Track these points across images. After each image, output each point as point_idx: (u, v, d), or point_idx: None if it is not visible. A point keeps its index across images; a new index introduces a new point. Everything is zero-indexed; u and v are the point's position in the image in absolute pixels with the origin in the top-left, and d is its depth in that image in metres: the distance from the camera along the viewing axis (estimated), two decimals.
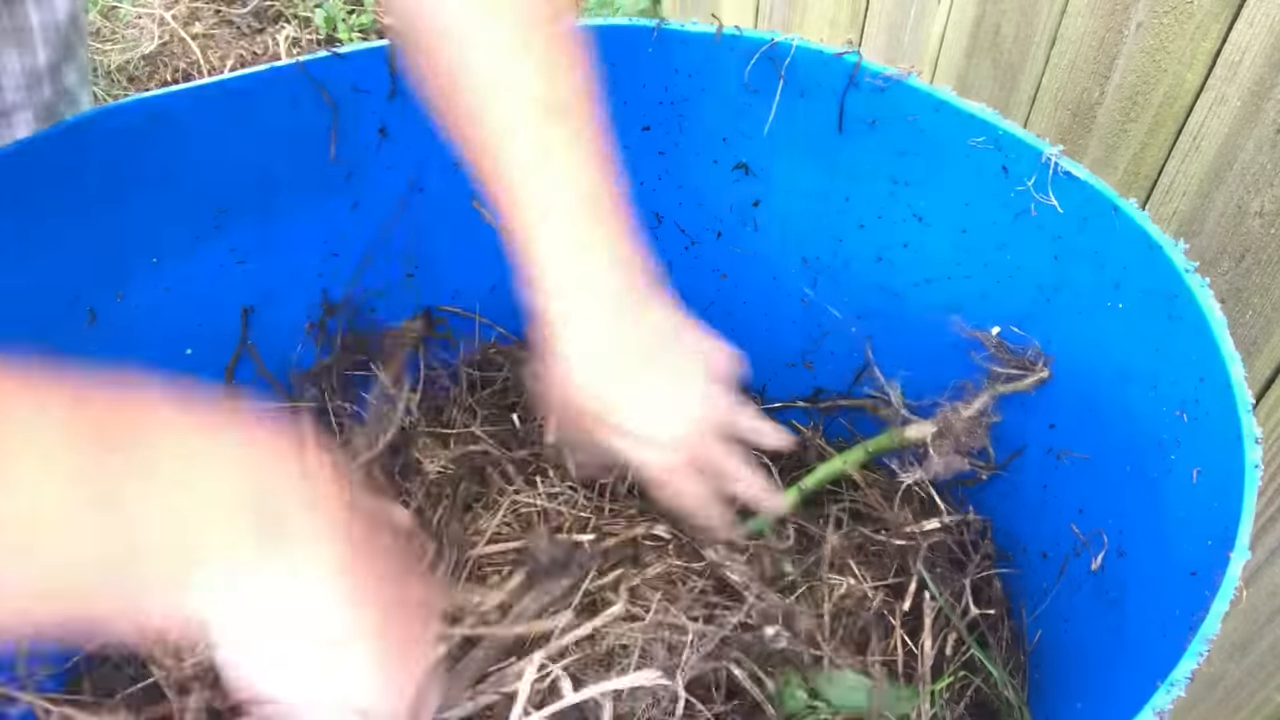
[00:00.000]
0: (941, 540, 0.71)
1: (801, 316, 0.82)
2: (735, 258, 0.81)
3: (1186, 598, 0.50)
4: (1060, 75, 0.84)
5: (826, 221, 0.75)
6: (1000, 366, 0.68)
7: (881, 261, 0.75)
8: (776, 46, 0.67)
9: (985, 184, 0.65)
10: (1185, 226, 0.77)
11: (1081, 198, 0.60)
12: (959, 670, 0.66)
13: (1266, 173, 0.69)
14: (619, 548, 0.67)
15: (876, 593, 0.67)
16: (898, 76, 0.65)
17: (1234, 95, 0.70)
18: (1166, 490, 0.57)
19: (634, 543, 0.68)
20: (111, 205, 0.63)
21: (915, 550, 0.68)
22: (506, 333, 0.86)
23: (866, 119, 0.68)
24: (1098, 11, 0.78)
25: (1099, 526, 0.64)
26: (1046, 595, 0.69)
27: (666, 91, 0.72)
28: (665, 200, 0.79)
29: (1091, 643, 0.63)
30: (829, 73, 0.67)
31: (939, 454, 0.66)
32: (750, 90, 0.70)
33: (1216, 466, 0.51)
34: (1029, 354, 0.68)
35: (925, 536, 0.70)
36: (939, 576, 0.69)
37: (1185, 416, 0.55)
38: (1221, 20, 0.69)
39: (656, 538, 0.69)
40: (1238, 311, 0.75)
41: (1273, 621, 0.86)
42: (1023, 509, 0.72)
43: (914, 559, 0.68)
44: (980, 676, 0.66)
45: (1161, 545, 0.57)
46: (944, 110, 0.64)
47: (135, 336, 0.68)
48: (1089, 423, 0.65)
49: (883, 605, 0.67)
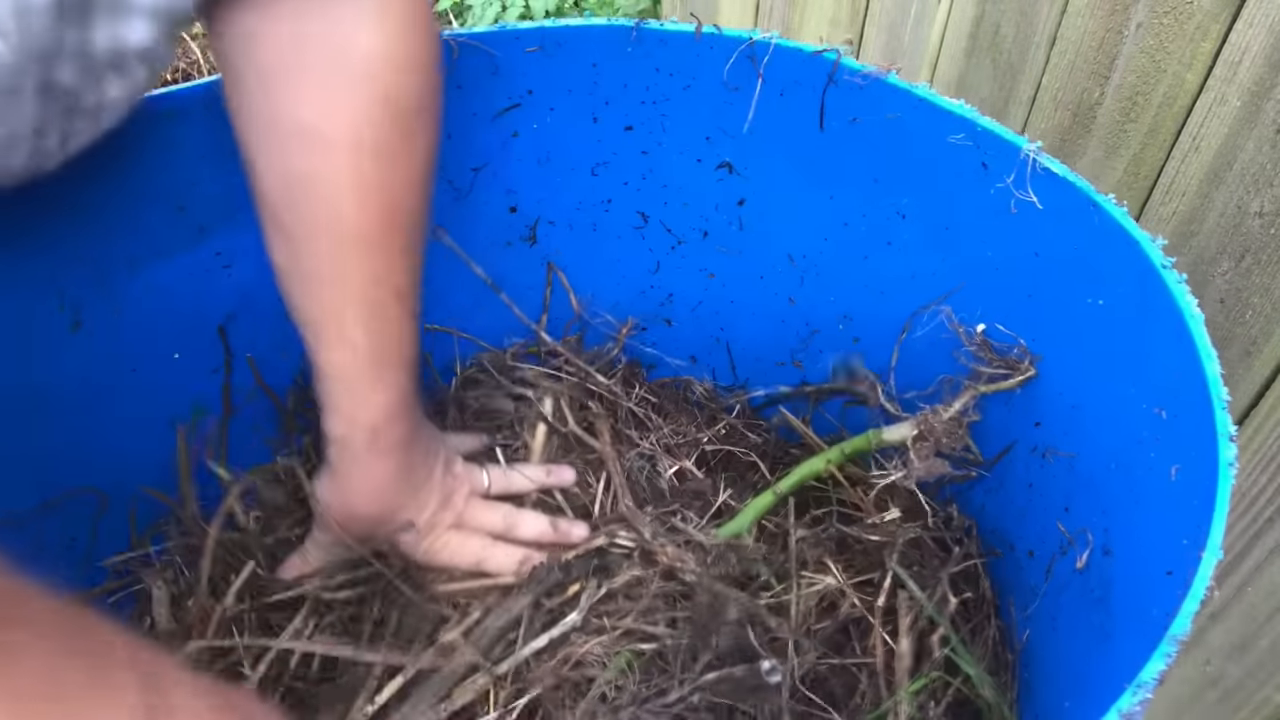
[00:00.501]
0: (919, 537, 0.71)
1: (789, 315, 0.81)
2: (722, 257, 0.81)
3: (1163, 597, 0.49)
4: (1060, 75, 0.83)
5: (811, 219, 0.75)
6: (984, 365, 0.67)
7: (867, 259, 0.74)
8: (755, 45, 0.67)
9: (966, 181, 0.64)
10: (1185, 226, 0.76)
11: (1060, 194, 0.60)
12: (938, 671, 0.66)
13: (1266, 173, 0.68)
14: (583, 560, 0.67)
15: (853, 591, 0.67)
16: (876, 74, 0.65)
17: (1234, 95, 0.69)
18: (1148, 488, 0.56)
19: (599, 552, 0.68)
20: (99, 206, 0.64)
21: (891, 545, 0.68)
22: (490, 347, 0.85)
23: (847, 117, 0.68)
24: (1098, 12, 0.77)
25: (1085, 524, 0.63)
26: (1034, 593, 0.69)
27: (648, 91, 0.72)
28: (650, 200, 0.79)
29: (1079, 641, 0.63)
30: (808, 71, 0.67)
31: (919, 457, 0.65)
32: (731, 89, 0.70)
33: (1193, 464, 0.51)
34: (1014, 352, 0.67)
35: (902, 531, 0.69)
36: (917, 575, 0.69)
37: (1164, 413, 0.54)
38: (1221, 21, 0.69)
39: (621, 546, 0.69)
40: (1238, 311, 0.74)
41: (1272, 621, 0.85)
42: (1009, 507, 0.71)
43: (890, 554, 0.67)
44: (961, 676, 0.66)
45: (1143, 543, 0.56)
46: (923, 108, 0.64)
47: (122, 341, 0.68)
48: (1073, 420, 0.64)
49: (862, 604, 0.67)
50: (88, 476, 0.71)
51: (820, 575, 0.68)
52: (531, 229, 0.80)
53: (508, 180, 0.77)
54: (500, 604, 0.65)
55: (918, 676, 0.64)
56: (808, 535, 0.72)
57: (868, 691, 0.65)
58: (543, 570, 0.66)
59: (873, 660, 0.65)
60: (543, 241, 0.81)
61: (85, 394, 0.69)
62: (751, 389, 0.87)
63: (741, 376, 0.88)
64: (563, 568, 0.66)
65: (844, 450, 0.74)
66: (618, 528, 0.69)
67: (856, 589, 0.69)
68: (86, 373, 0.69)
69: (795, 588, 0.67)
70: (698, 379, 0.89)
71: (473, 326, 0.84)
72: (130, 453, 0.72)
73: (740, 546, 0.68)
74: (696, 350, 0.88)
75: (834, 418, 0.83)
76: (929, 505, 0.73)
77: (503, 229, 0.80)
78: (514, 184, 0.77)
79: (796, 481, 0.74)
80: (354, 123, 0.52)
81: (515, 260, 0.82)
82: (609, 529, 0.69)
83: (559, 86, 0.72)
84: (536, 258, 0.82)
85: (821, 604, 0.67)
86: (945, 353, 0.72)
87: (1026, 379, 0.66)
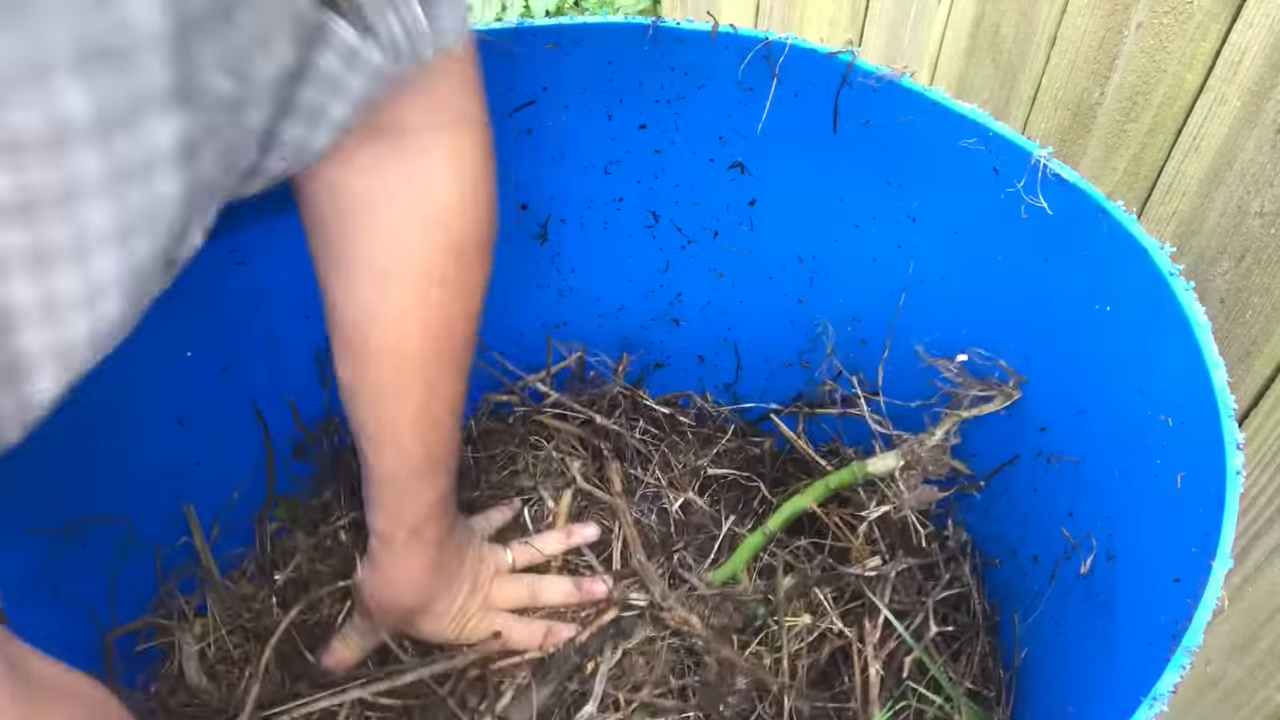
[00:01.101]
0: (908, 567, 0.72)
1: (798, 316, 0.82)
2: (732, 257, 0.81)
3: (1171, 604, 0.50)
4: (1060, 75, 0.83)
5: (822, 221, 0.75)
6: (964, 390, 0.67)
7: (876, 262, 0.75)
8: (771, 45, 0.67)
9: (977, 185, 0.65)
10: (1185, 226, 0.77)
11: (1070, 200, 0.60)
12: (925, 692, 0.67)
13: (1266, 173, 0.69)
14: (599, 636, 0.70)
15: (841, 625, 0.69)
16: (891, 77, 0.65)
17: (1234, 95, 0.70)
18: (1153, 495, 0.57)
19: (615, 622, 0.71)
20: None
21: (879, 581, 0.70)
22: (516, 369, 0.88)
23: (860, 119, 0.68)
24: (1098, 11, 0.77)
25: (1088, 530, 0.63)
26: (1037, 599, 0.69)
27: (662, 90, 0.72)
28: (662, 199, 0.79)
29: (1082, 647, 0.63)
30: (823, 72, 0.67)
31: (907, 487, 0.66)
32: (745, 89, 0.70)
33: (1200, 472, 0.51)
34: (997, 374, 0.68)
35: (892, 566, 0.71)
36: (901, 603, 0.70)
37: (1170, 421, 0.55)
38: (1221, 20, 0.69)
39: (635, 606, 0.72)
40: (1238, 311, 0.75)
41: (1272, 621, 0.86)
42: (1012, 512, 0.72)
43: (880, 590, 0.69)
44: (943, 696, 0.67)
45: (1148, 550, 0.57)
46: (936, 111, 0.64)
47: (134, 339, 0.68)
48: (1078, 426, 0.65)
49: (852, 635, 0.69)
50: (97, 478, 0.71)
51: (802, 618, 0.70)
52: (542, 227, 0.81)
53: (519, 177, 0.77)
54: (522, 694, 0.68)
55: (890, 701, 0.65)
56: (796, 573, 0.74)
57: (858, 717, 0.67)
58: (561, 658, 0.69)
59: (853, 689, 0.67)
60: (553, 239, 0.82)
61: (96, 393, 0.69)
62: (753, 397, 0.88)
63: (748, 377, 0.88)
64: (578, 651, 0.70)
65: (829, 485, 0.75)
66: (631, 586, 0.73)
67: (844, 616, 0.71)
68: (97, 370, 0.69)
69: (784, 635, 0.70)
70: (698, 393, 0.90)
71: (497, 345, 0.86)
72: (140, 454, 0.72)
73: (735, 595, 0.71)
74: (704, 350, 0.88)
75: (830, 428, 0.84)
76: (918, 528, 0.73)
77: (513, 226, 0.80)
78: (526, 181, 0.78)
79: (784, 521, 0.75)
80: (425, 266, 0.55)
81: (525, 258, 0.82)
82: (622, 593, 0.73)
83: (573, 84, 0.72)
84: (546, 255, 0.83)
85: (809, 637, 0.69)
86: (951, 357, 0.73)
87: (1011, 402, 0.67)
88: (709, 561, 0.77)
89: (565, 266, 0.84)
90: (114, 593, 0.71)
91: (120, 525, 0.70)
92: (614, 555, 0.78)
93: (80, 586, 0.68)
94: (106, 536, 0.70)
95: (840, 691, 0.68)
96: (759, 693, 0.67)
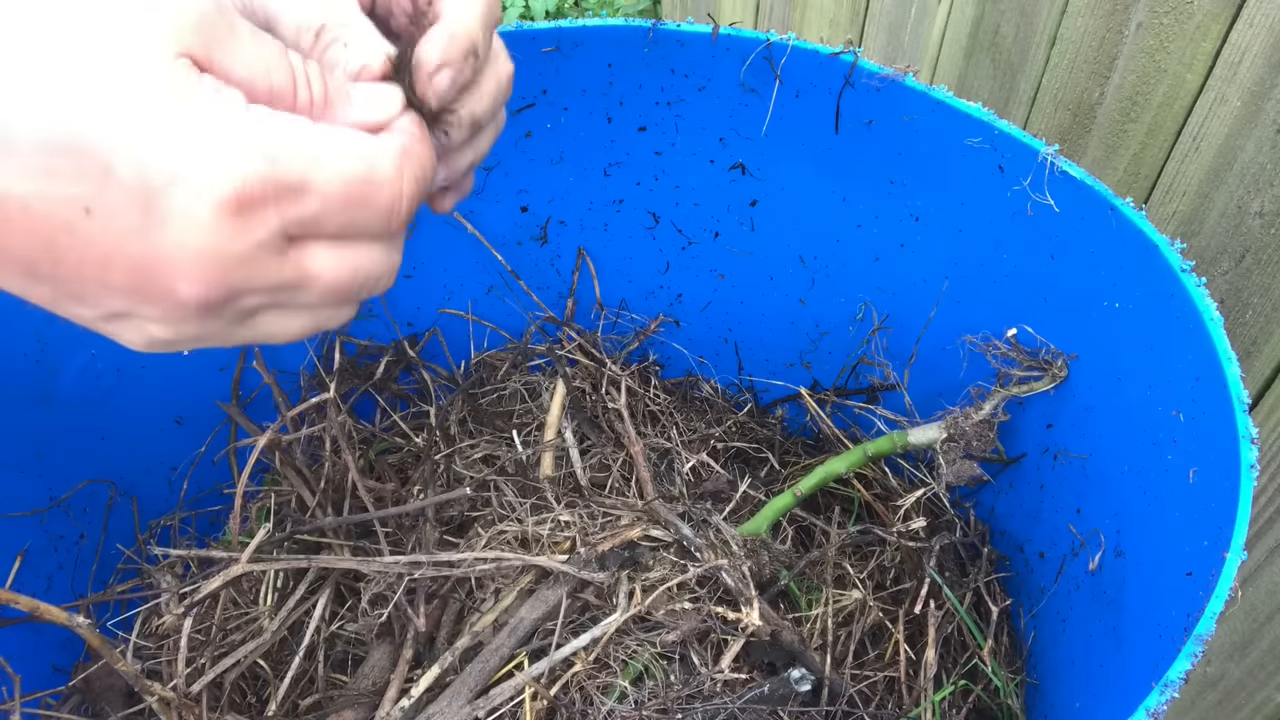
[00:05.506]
0: (949, 543, 0.70)
1: (799, 317, 0.82)
2: (733, 258, 0.81)
3: (1183, 598, 0.50)
4: (1060, 75, 0.83)
5: (824, 221, 0.75)
6: (1014, 368, 0.66)
7: (879, 261, 0.75)
8: (772, 47, 0.67)
9: (981, 184, 0.65)
10: (1185, 226, 0.77)
11: (1078, 197, 0.60)
12: (959, 680, 0.66)
13: (1266, 173, 0.69)
14: (616, 551, 0.67)
15: (876, 604, 0.67)
16: (893, 77, 0.65)
17: (1234, 95, 0.70)
18: (1163, 490, 0.57)
19: (632, 544, 0.67)
20: None
21: (927, 553, 0.68)
22: (505, 333, 0.86)
23: (863, 119, 0.68)
24: (1098, 11, 0.78)
25: (1096, 526, 0.63)
26: (1044, 595, 0.69)
27: (663, 92, 0.72)
28: (662, 200, 0.79)
29: (1090, 642, 0.63)
30: (825, 73, 0.67)
31: (948, 461, 0.65)
32: (747, 90, 0.70)
33: (1212, 467, 0.51)
34: (1044, 353, 0.67)
35: (938, 539, 0.69)
36: (948, 581, 0.69)
37: (1181, 416, 0.55)
38: (1221, 20, 0.69)
39: (653, 538, 0.68)
40: (1238, 311, 0.75)
41: (1272, 621, 0.86)
42: (1020, 508, 0.72)
43: (927, 559, 0.67)
44: (980, 684, 0.66)
45: (1159, 545, 0.57)
46: (940, 110, 0.64)
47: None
48: (1086, 422, 0.65)
49: (883, 613, 0.67)
50: (95, 472, 0.70)
51: (845, 591, 0.68)
52: (543, 229, 0.80)
53: (520, 180, 0.77)
54: (536, 593, 0.65)
55: (943, 686, 0.64)
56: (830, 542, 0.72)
57: (888, 699, 0.65)
58: (578, 558, 0.66)
59: (895, 670, 0.65)
60: (554, 241, 0.81)
61: (94, 390, 0.69)
62: (758, 389, 0.87)
63: (749, 378, 0.88)
64: (598, 559, 0.66)
65: (867, 451, 0.73)
66: (648, 521, 0.69)
67: (877, 596, 0.69)
68: (96, 368, 0.68)
69: (826, 602, 0.67)
70: (705, 378, 0.89)
71: (488, 315, 0.84)
72: (136, 448, 0.72)
73: (771, 546, 0.68)
74: (705, 351, 0.88)
75: (847, 416, 0.83)
76: (951, 511, 0.73)
77: (514, 228, 0.80)
78: (526, 184, 0.77)
79: (817, 483, 0.73)
80: None
81: (526, 259, 0.82)
82: (641, 522, 0.69)
83: (573, 87, 0.72)
84: (547, 257, 0.82)
85: (842, 613, 0.68)
86: (955, 357, 0.72)
87: (1058, 380, 0.66)
88: (724, 517, 0.73)
89: (565, 268, 0.83)
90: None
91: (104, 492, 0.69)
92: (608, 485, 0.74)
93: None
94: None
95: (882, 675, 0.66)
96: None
